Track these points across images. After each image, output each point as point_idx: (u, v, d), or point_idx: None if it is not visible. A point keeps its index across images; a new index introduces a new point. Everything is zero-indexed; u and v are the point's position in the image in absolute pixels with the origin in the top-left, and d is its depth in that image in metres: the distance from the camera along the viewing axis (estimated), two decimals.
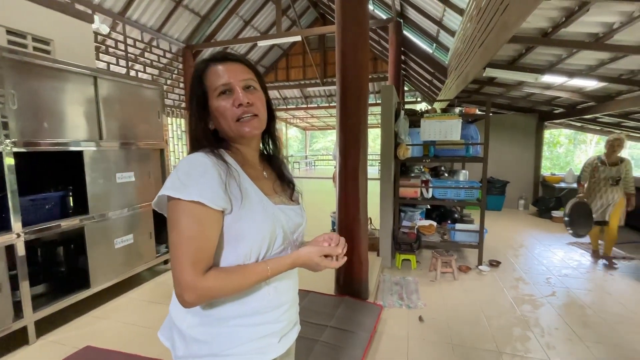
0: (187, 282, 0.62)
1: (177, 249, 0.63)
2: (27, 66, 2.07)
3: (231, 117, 0.73)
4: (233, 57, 0.77)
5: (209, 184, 0.65)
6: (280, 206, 0.78)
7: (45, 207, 2.24)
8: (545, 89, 4.52)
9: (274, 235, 0.74)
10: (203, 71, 0.75)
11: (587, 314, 2.53)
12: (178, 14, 7.47)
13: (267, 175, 0.84)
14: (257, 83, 0.78)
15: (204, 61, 0.76)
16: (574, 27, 2.58)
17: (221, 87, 0.73)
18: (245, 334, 0.72)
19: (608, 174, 3.44)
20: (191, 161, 0.68)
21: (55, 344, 2.10)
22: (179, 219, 0.64)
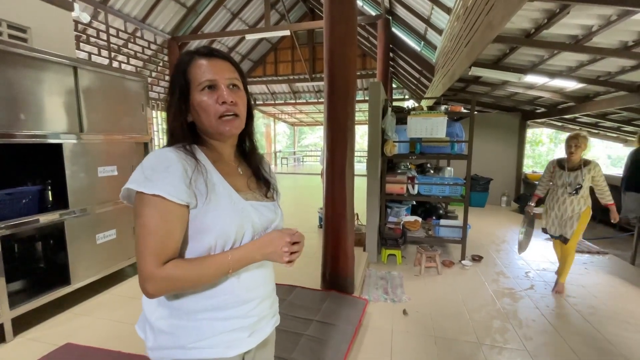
0: (147, 272, 0.64)
1: (139, 240, 0.65)
2: (2, 54, 1.98)
3: (214, 113, 0.73)
4: (220, 54, 0.76)
5: (171, 179, 0.66)
6: (252, 202, 0.79)
7: (22, 201, 2.16)
8: (528, 88, 4.64)
9: (241, 230, 0.74)
10: (188, 63, 0.74)
11: (562, 306, 2.64)
12: (163, 4, 7.28)
13: (242, 171, 0.85)
14: (240, 83, 0.78)
15: (189, 53, 0.75)
16: (555, 28, 2.65)
17: (206, 82, 0.72)
18: (212, 327, 0.73)
19: (565, 180, 2.79)
20: (157, 156, 0.69)
21: (34, 341, 2.05)
22: (142, 212, 0.65)
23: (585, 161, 2.74)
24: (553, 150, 17.64)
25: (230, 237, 0.72)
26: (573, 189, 2.74)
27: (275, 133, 18.64)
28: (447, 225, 3.79)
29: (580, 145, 2.71)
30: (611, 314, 2.51)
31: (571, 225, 2.76)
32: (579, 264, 3.53)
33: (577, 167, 2.75)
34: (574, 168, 2.77)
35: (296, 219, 4.97)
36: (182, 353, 0.72)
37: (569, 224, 2.77)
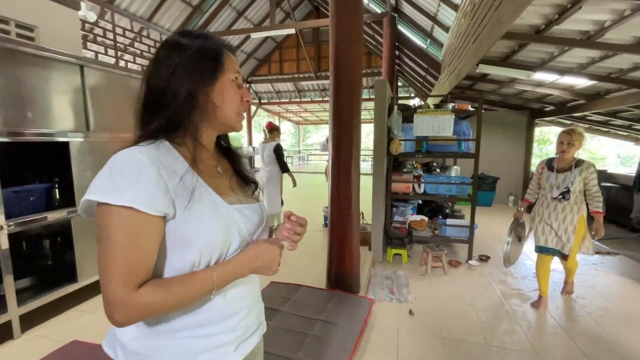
0: (117, 298, 0.53)
1: (106, 261, 0.54)
2: (10, 53, 2.00)
3: (238, 107, 0.71)
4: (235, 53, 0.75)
5: (144, 186, 0.55)
6: (237, 206, 0.71)
7: (30, 198, 2.18)
8: (536, 86, 4.57)
9: (227, 239, 0.66)
10: (221, 50, 0.69)
11: (572, 307, 2.59)
12: (169, 3, 7.31)
13: (222, 171, 0.76)
14: None
15: (216, 41, 0.70)
16: (566, 24, 2.59)
17: (236, 76, 0.70)
18: (196, 345, 0.65)
19: (552, 182, 2.44)
20: (123, 159, 0.57)
21: (41, 338, 2.07)
22: (108, 227, 0.54)
23: (578, 161, 2.39)
24: None
25: (216, 248, 0.64)
26: (559, 193, 2.39)
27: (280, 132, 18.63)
28: (454, 224, 3.75)
29: (573, 143, 2.36)
30: (622, 316, 2.46)
31: (567, 239, 2.39)
32: (589, 264, 3.47)
33: (567, 168, 2.41)
34: (563, 169, 2.43)
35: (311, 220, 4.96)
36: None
37: (565, 237, 2.40)
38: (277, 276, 2.84)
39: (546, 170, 2.54)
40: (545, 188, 2.51)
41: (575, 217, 2.38)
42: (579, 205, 2.39)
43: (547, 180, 2.49)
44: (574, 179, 2.35)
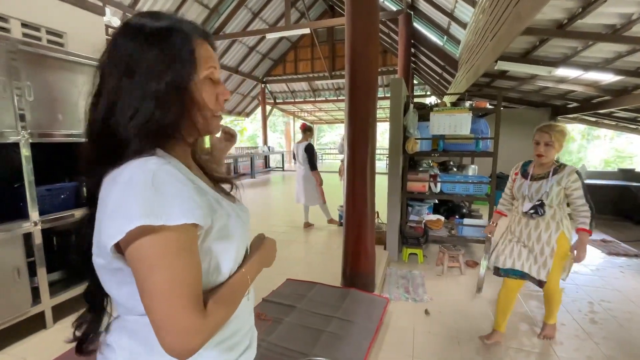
0: (193, 326, 0.47)
1: (168, 293, 0.46)
2: (42, 59, 2.11)
3: (213, 109, 0.59)
4: (212, 41, 0.61)
5: (192, 198, 0.50)
6: (233, 205, 0.66)
7: (61, 196, 2.30)
8: (558, 82, 4.42)
9: (246, 240, 0.65)
10: (190, 39, 0.55)
11: (595, 310, 2.51)
12: (187, 5, 7.49)
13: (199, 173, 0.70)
14: None
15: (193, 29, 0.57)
16: (591, 18, 2.51)
17: (214, 71, 0.58)
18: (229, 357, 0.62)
19: (524, 192, 1.97)
20: (154, 173, 0.47)
21: (71, 328, 2.18)
22: (164, 253, 0.46)
23: (558, 166, 1.90)
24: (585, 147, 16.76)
25: (241, 252, 0.62)
26: (531, 207, 1.90)
27: (294, 131, 18.76)
28: (471, 224, 3.69)
29: (552, 144, 1.86)
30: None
31: (544, 262, 1.91)
32: (615, 267, 3.34)
33: (544, 175, 1.92)
34: (539, 176, 1.93)
35: (317, 216, 5.00)
36: None
37: (541, 260, 1.92)
38: (292, 273, 2.88)
39: (519, 177, 2.04)
40: (518, 199, 2.04)
41: (553, 236, 1.89)
42: (558, 222, 1.90)
43: (519, 189, 2.01)
44: (551, 189, 1.87)
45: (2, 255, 1.91)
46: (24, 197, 2.00)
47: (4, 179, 2.13)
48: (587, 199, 1.86)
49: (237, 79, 11.44)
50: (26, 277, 2.02)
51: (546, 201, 1.88)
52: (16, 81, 1.94)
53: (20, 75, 1.97)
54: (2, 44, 1.89)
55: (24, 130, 1.98)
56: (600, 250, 3.81)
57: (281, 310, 2.24)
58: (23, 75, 1.98)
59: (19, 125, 1.96)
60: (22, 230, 1.99)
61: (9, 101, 1.92)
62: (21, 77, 1.97)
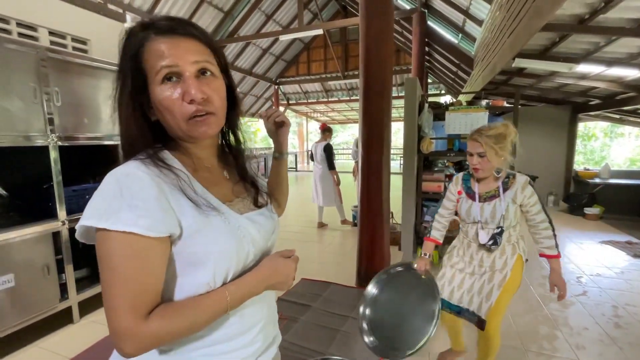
0: (125, 329, 0.47)
1: (109, 290, 0.48)
2: (68, 65, 2.22)
3: (180, 115, 0.55)
4: (183, 29, 0.55)
5: (144, 207, 0.49)
6: (248, 214, 0.64)
7: (86, 197, 2.40)
8: (580, 79, 4.28)
9: (242, 253, 0.59)
10: (140, 43, 0.54)
11: (620, 315, 2.42)
12: (202, 10, 7.64)
13: (228, 175, 0.69)
14: (215, 65, 0.59)
15: (143, 27, 0.55)
16: (614, 12, 2.43)
17: (165, 70, 0.53)
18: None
19: (475, 216, 1.54)
20: (120, 178, 0.50)
21: (96, 323, 2.27)
22: (110, 255, 0.48)
23: (506, 179, 1.51)
24: (609, 146, 16.13)
25: (232, 265, 0.57)
26: (489, 239, 1.50)
27: (307, 132, 18.85)
28: None
29: (484, 153, 1.44)
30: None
31: (488, 294, 1.51)
32: (639, 269, 3.22)
33: (494, 194, 1.50)
34: (489, 195, 1.52)
35: (330, 217, 5.02)
36: None
37: (486, 290, 1.52)
38: (308, 273, 2.90)
39: (464, 196, 1.59)
40: (467, 222, 1.62)
41: (509, 261, 1.52)
42: (514, 244, 1.56)
43: (469, 213, 1.57)
44: (507, 210, 1.48)
45: (34, 253, 2.01)
46: (52, 198, 2.10)
47: (34, 181, 2.24)
48: (546, 213, 1.53)
49: (251, 81, 11.59)
50: (55, 274, 2.12)
51: (504, 225, 1.50)
52: (45, 87, 2.04)
53: (49, 81, 2.07)
54: (33, 52, 1.99)
55: (52, 133, 2.08)
56: (625, 253, 3.67)
57: (297, 309, 2.27)
58: (51, 81, 2.08)
59: (48, 129, 2.06)
60: (51, 229, 2.09)
61: (39, 106, 2.02)
62: (50, 83, 2.07)
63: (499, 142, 1.43)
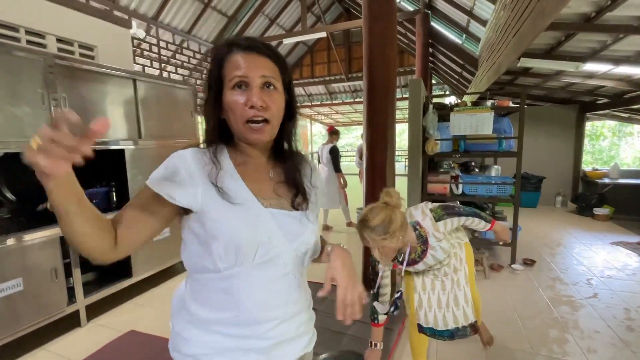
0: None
1: None
2: (75, 71, 2.25)
3: (240, 116, 0.66)
4: (259, 48, 0.68)
5: (163, 174, 0.64)
6: (271, 210, 0.70)
7: (93, 201, 2.40)
8: (587, 78, 4.23)
9: (254, 239, 0.66)
10: (224, 57, 0.68)
11: (632, 317, 2.37)
12: (207, 15, 7.72)
13: (274, 175, 0.76)
14: (279, 81, 0.70)
15: (228, 45, 0.69)
16: (621, 10, 2.39)
17: (236, 79, 0.66)
18: (224, 343, 0.69)
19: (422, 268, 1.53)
20: (174, 155, 0.67)
21: (104, 327, 2.29)
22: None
23: (419, 234, 1.43)
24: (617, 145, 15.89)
25: (241, 246, 0.65)
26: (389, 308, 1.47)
27: (311, 134, 18.88)
28: None
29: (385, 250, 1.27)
30: None
31: (465, 299, 1.55)
32: None
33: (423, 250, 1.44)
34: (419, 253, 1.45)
35: (335, 219, 5.00)
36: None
37: (461, 296, 1.55)
38: (313, 276, 2.89)
39: (403, 266, 1.48)
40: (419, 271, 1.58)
41: (462, 256, 1.60)
42: (458, 242, 1.61)
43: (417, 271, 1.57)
44: (443, 249, 1.45)
45: (42, 257, 2.03)
46: None
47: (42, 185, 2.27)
48: (466, 213, 1.51)
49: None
50: (62, 278, 2.14)
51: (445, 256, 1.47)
52: (53, 93, 2.07)
53: (57, 87, 2.10)
54: (41, 59, 2.02)
55: None
56: (636, 254, 3.60)
57: None
58: (59, 87, 2.11)
59: None
60: (59, 233, 2.11)
61: (47, 112, 2.05)
62: (57, 89, 2.10)
63: (387, 231, 1.21)
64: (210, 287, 0.69)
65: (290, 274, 0.73)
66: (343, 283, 0.70)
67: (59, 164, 0.45)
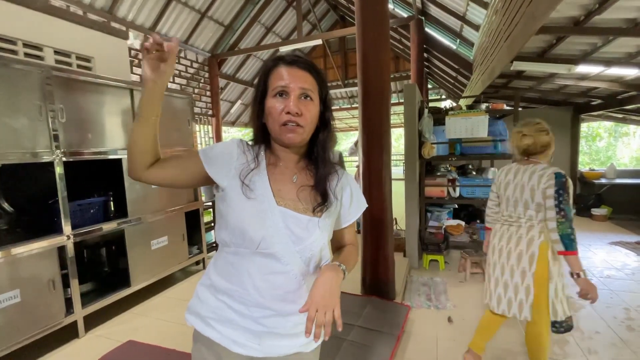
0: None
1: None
2: (73, 82, 2.27)
3: (277, 120, 0.75)
4: (302, 64, 0.77)
5: (213, 152, 0.79)
6: (282, 209, 0.76)
7: (91, 211, 2.42)
8: (580, 79, 4.28)
9: (258, 231, 0.74)
10: (270, 69, 0.78)
11: (632, 317, 2.37)
12: (203, 25, 7.79)
13: (298, 179, 0.82)
14: (316, 94, 0.78)
15: (276, 60, 0.79)
16: (609, 13, 2.44)
17: (278, 88, 0.75)
18: (226, 313, 0.78)
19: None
20: (225, 140, 0.83)
21: (102, 337, 2.27)
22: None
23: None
24: (614, 145, 15.98)
25: (246, 234, 0.74)
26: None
27: None
28: None
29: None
30: None
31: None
32: None
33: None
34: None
35: None
36: (200, 325, 0.81)
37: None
38: None
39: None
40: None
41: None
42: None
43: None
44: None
45: (39, 268, 2.03)
46: (58, 213, 2.13)
47: (40, 196, 2.27)
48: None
49: (252, 92, 11.71)
50: (60, 289, 2.13)
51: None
52: (50, 104, 2.09)
53: (54, 98, 2.12)
54: (38, 72, 2.04)
55: (57, 149, 2.12)
56: (635, 253, 3.61)
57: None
58: (56, 99, 2.13)
59: (53, 145, 2.10)
60: (57, 244, 2.11)
61: (45, 123, 2.07)
62: (55, 100, 2.12)
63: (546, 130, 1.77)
64: (225, 258, 0.80)
65: (291, 273, 0.77)
66: (315, 301, 0.70)
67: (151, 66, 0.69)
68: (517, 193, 1.67)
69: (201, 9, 7.40)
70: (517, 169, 1.74)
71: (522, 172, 1.70)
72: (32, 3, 2.53)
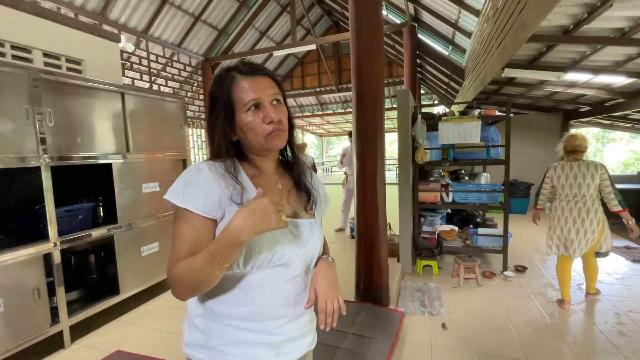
0: (168, 267, 0.69)
1: (172, 244, 0.71)
2: (62, 85, 2.22)
3: (261, 133, 0.73)
4: (261, 71, 0.76)
5: (203, 194, 0.69)
6: (287, 219, 0.75)
7: (79, 217, 2.37)
8: (569, 87, 4.37)
9: (269, 248, 0.73)
10: (231, 83, 0.74)
11: (623, 322, 2.39)
12: (197, 28, 7.76)
13: (283, 185, 0.83)
14: (281, 96, 0.78)
15: (230, 70, 0.75)
16: (597, 22, 2.49)
17: (251, 102, 0.72)
18: (238, 335, 0.74)
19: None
20: (194, 172, 0.72)
21: (89, 348, 2.20)
22: (176, 221, 0.71)
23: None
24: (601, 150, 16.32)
25: (260, 254, 0.71)
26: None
27: None
28: (486, 234, 3.61)
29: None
30: None
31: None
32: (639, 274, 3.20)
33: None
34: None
35: (329, 229, 4.98)
36: (209, 355, 0.75)
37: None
38: None
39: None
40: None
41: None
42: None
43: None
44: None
45: (24, 276, 1.96)
46: (44, 219, 2.07)
47: (26, 202, 2.21)
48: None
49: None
50: (45, 297, 2.06)
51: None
52: (38, 107, 2.04)
53: (42, 102, 2.07)
54: (26, 74, 1.99)
55: (45, 154, 2.06)
56: (624, 258, 3.66)
57: None
58: (44, 102, 2.08)
59: (40, 150, 2.05)
60: (43, 251, 2.05)
61: (32, 127, 2.01)
62: (42, 103, 2.07)
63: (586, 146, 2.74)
64: (227, 285, 0.74)
65: (299, 276, 0.78)
66: (323, 293, 0.76)
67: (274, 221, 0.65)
68: (579, 179, 2.57)
69: (195, 12, 7.38)
70: (570, 165, 2.67)
71: (576, 166, 2.62)
72: (20, 4, 2.48)
